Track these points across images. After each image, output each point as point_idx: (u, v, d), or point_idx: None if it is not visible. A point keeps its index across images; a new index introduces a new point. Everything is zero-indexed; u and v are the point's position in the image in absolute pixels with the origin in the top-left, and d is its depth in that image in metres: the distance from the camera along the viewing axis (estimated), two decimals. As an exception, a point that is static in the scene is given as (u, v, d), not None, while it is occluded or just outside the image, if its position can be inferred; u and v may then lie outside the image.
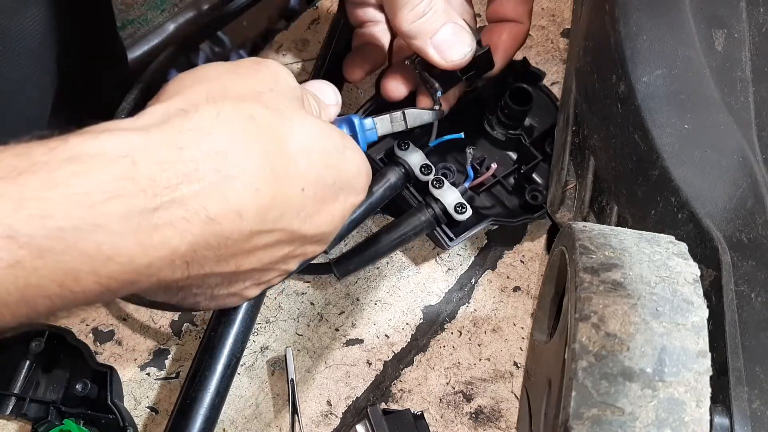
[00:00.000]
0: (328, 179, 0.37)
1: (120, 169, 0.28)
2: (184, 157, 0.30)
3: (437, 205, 0.59)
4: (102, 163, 0.28)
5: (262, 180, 0.33)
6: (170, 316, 0.64)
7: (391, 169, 0.61)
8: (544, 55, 0.74)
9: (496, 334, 0.64)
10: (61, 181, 0.27)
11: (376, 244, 0.61)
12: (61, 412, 0.56)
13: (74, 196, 0.27)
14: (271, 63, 0.38)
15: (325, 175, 0.36)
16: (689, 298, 0.36)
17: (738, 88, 0.48)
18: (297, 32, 0.77)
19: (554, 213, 0.57)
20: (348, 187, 0.39)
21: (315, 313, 0.65)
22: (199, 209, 0.30)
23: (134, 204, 0.28)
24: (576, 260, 0.38)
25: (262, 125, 0.34)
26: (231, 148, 0.32)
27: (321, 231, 0.38)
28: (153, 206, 0.29)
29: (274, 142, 0.34)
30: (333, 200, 0.38)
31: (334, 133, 0.38)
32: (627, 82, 0.48)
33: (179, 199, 0.30)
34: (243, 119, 0.33)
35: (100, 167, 0.28)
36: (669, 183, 0.45)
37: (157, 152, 0.30)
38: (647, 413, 0.32)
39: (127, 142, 0.29)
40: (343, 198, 0.38)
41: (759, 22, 0.50)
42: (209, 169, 0.31)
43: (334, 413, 0.62)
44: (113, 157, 0.29)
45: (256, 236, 0.33)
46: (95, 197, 0.27)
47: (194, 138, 0.31)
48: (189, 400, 0.55)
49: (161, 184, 0.29)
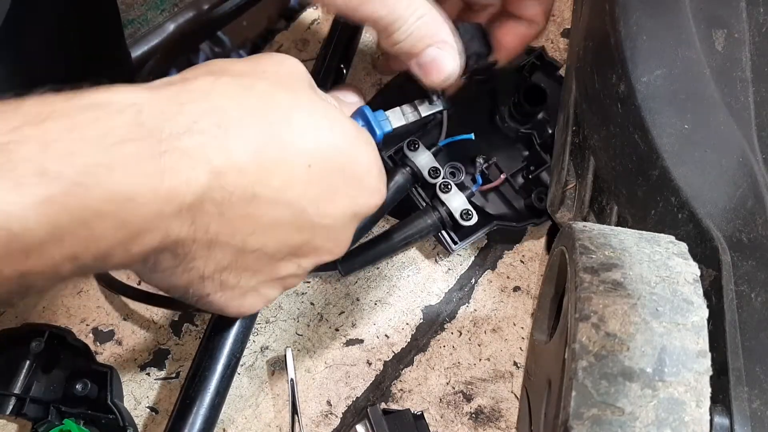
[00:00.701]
0: (338, 164, 0.36)
1: (128, 116, 0.30)
2: (184, 111, 0.32)
3: (443, 209, 0.59)
4: (113, 111, 0.30)
5: (263, 141, 0.33)
6: (170, 316, 0.64)
7: (399, 170, 0.61)
8: (544, 55, 0.74)
9: (496, 334, 0.64)
10: (81, 125, 0.29)
11: (382, 244, 0.61)
12: (61, 412, 0.56)
13: (94, 138, 0.29)
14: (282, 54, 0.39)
15: (335, 159, 0.36)
16: (689, 298, 0.36)
17: (738, 88, 0.48)
18: (297, 32, 0.77)
19: (554, 213, 0.57)
20: (358, 182, 0.38)
21: (315, 313, 0.65)
22: (203, 159, 0.31)
23: (143, 148, 0.30)
24: (576, 260, 0.38)
25: (264, 94, 0.34)
26: (230, 106, 0.33)
27: (331, 223, 0.37)
28: (159, 151, 0.30)
29: (279, 110, 0.34)
30: (343, 190, 0.37)
31: (347, 121, 0.37)
32: (627, 82, 0.48)
33: (183, 148, 0.31)
34: (242, 87, 0.34)
35: (112, 114, 0.30)
36: (669, 183, 0.45)
37: (161, 104, 0.31)
38: (647, 413, 0.32)
39: (134, 94, 0.31)
40: (354, 192, 0.38)
41: (759, 22, 0.50)
42: (210, 124, 0.32)
43: (334, 413, 0.62)
44: (122, 106, 0.30)
45: (260, 202, 0.34)
46: (110, 140, 0.29)
47: (194, 96, 0.33)
48: (189, 401, 0.55)
49: (165, 131, 0.31)
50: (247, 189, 0.33)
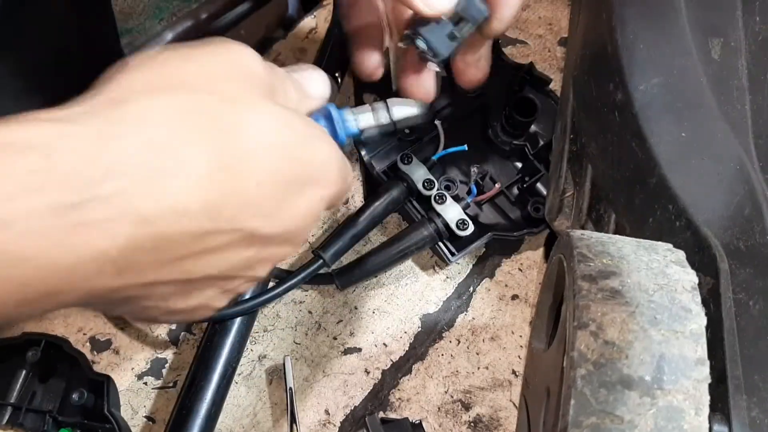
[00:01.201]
0: (290, 172, 0.33)
1: (34, 159, 0.26)
2: (109, 148, 0.27)
3: (439, 221, 0.59)
4: (14, 152, 0.26)
5: (209, 175, 0.29)
6: (167, 325, 0.64)
7: (393, 183, 0.61)
8: (542, 63, 0.75)
9: (495, 342, 0.64)
10: None
11: (378, 256, 0.61)
12: (57, 421, 0.55)
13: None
14: (234, 45, 0.34)
15: (286, 168, 0.33)
16: (687, 305, 0.36)
17: (735, 96, 0.48)
18: (295, 41, 0.78)
19: (552, 221, 0.57)
20: (315, 180, 0.35)
21: (313, 322, 0.65)
22: (127, 208, 0.27)
23: (49, 199, 0.26)
24: (574, 268, 0.38)
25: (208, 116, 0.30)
26: (167, 140, 0.29)
27: (286, 230, 0.34)
28: (71, 203, 0.26)
29: (224, 133, 0.30)
30: (297, 195, 0.34)
31: (297, 122, 0.34)
32: (624, 91, 0.48)
33: (103, 196, 0.27)
34: (184, 110, 0.30)
35: (13, 155, 0.25)
36: (666, 191, 0.46)
37: (77, 144, 0.27)
38: (646, 421, 0.32)
39: (43, 131, 0.27)
40: (310, 192, 0.35)
41: (755, 31, 0.51)
42: (138, 164, 0.27)
43: (332, 422, 0.61)
44: (28, 145, 0.26)
45: (207, 237, 0.30)
46: (7, 189, 0.25)
47: (122, 130, 0.28)
48: (185, 411, 0.55)
49: (81, 179, 0.26)
50: (190, 232, 0.29)
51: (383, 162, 0.64)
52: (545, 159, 0.63)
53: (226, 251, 0.32)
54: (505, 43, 0.75)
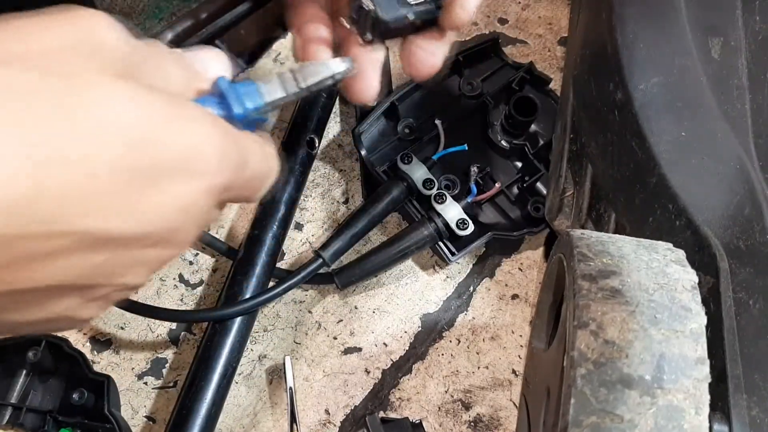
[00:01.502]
0: (141, 161, 0.28)
1: None
2: None
3: (439, 220, 0.60)
4: None
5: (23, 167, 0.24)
6: (168, 325, 0.64)
7: (393, 183, 0.61)
8: (542, 63, 0.75)
9: (495, 342, 0.64)
10: None
11: (378, 256, 0.62)
12: (57, 421, 0.55)
13: None
14: (83, 12, 0.29)
15: (135, 156, 0.27)
16: (687, 305, 0.36)
17: (735, 95, 0.48)
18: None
19: (552, 220, 0.57)
20: (180, 169, 0.29)
21: (313, 322, 0.65)
22: None
23: None
24: (574, 267, 0.38)
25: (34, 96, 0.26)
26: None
27: (148, 229, 0.29)
28: None
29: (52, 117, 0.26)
30: (155, 187, 0.28)
31: (158, 103, 0.29)
32: (624, 90, 0.48)
33: None
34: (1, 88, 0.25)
35: None
36: (666, 190, 0.46)
37: None
38: (646, 420, 0.32)
39: None
40: (177, 183, 0.29)
41: (755, 30, 0.51)
42: None
43: (333, 422, 0.61)
44: None
45: (21, 242, 0.25)
46: None
47: None
48: (185, 411, 0.55)
49: None
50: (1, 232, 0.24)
51: (383, 162, 0.64)
52: (545, 158, 0.63)
53: (64, 256, 0.27)
54: (505, 43, 0.75)
